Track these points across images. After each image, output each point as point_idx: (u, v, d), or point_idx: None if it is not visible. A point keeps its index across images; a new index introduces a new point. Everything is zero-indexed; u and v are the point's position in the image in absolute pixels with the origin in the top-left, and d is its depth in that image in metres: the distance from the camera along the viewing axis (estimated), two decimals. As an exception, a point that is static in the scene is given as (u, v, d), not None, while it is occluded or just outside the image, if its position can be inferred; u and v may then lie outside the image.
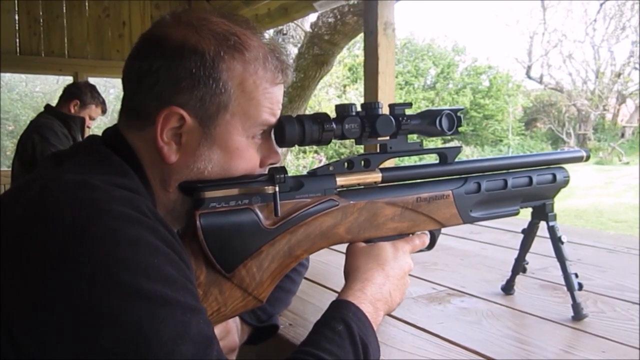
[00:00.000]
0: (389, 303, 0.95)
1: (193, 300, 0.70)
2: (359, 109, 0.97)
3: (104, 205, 0.68)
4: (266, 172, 0.91)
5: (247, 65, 0.83)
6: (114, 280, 0.63)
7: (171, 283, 0.67)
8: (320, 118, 0.92)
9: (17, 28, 4.65)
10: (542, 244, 1.32)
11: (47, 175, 0.76)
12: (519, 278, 1.40)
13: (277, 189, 0.87)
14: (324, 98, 14.13)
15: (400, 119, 0.98)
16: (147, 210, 0.72)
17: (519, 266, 1.37)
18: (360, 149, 1.42)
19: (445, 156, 1.07)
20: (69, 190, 0.70)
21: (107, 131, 0.88)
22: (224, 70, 0.81)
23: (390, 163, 1.73)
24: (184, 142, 0.82)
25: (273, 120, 0.88)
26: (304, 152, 13.18)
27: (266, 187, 0.87)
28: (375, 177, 1.00)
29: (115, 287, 0.63)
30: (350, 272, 0.96)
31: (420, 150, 1.03)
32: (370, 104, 0.97)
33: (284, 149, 6.67)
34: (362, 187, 1.00)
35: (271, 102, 0.87)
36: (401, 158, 1.07)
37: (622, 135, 19.68)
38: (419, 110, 1.05)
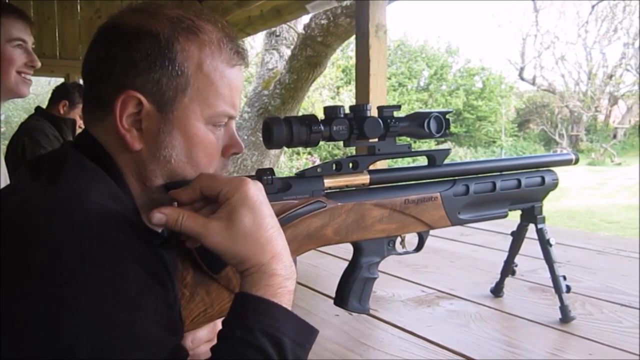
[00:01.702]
0: (286, 244, 0.80)
1: (164, 328, 0.68)
2: (347, 111, 0.97)
3: (79, 224, 0.67)
4: (228, 165, 0.91)
5: (202, 47, 0.83)
6: (81, 306, 0.63)
7: (140, 311, 0.66)
8: (308, 120, 0.92)
9: (8, 29, 4.63)
10: (531, 245, 1.32)
11: (26, 190, 0.75)
12: (508, 280, 1.41)
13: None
14: (318, 99, 14.13)
15: (389, 121, 0.98)
16: (125, 224, 0.71)
17: (508, 268, 1.37)
18: (354, 150, 1.42)
19: (433, 158, 1.07)
20: (45, 207, 0.69)
21: (78, 136, 0.88)
22: (179, 51, 0.81)
23: (382, 164, 1.73)
24: (144, 128, 0.81)
25: (232, 111, 0.87)
26: (298, 153, 13.18)
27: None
28: (364, 179, 1.00)
29: (82, 313, 0.62)
30: (245, 262, 0.76)
31: (409, 153, 1.03)
32: (359, 106, 0.97)
33: (277, 150, 6.66)
34: (350, 188, 1.00)
35: (230, 87, 0.86)
36: (392, 160, 1.07)
37: (614, 137, 19.80)
38: (409, 112, 1.05)
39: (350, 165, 0.99)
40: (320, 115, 0.97)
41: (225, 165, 0.91)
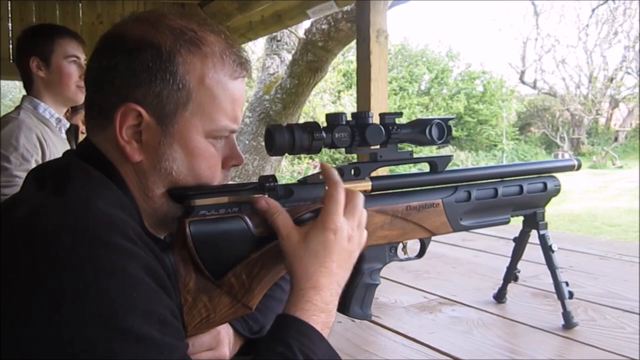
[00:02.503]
0: (339, 289, 0.87)
1: (171, 335, 0.69)
2: (349, 118, 0.97)
3: (88, 233, 0.67)
4: (228, 176, 0.91)
5: (205, 60, 0.82)
6: (91, 313, 0.63)
7: (149, 318, 0.66)
8: (310, 127, 0.92)
9: (10, 35, 4.63)
10: (534, 250, 1.32)
11: (33, 198, 0.75)
12: (511, 286, 1.41)
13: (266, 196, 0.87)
14: (319, 104, 14.15)
15: (390, 128, 0.98)
16: (132, 233, 0.71)
17: (511, 274, 1.37)
18: (356, 156, 1.40)
19: (435, 165, 1.07)
20: (54, 216, 0.69)
21: (80, 145, 0.88)
22: (181, 64, 0.80)
23: (384, 171, 1.73)
24: (144, 140, 0.81)
25: (234, 126, 0.87)
26: (299, 158, 13.19)
27: (256, 195, 0.87)
28: (365, 185, 1.00)
29: (92, 320, 0.63)
30: (293, 278, 0.85)
31: (410, 159, 1.03)
32: (361, 113, 0.97)
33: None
34: None
35: (232, 100, 0.85)
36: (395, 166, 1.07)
37: (616, 139, 19.80)
38: (413, 117, 1.05)
39: (352, 171, 0.99)
40: (322, 120, 0.97)
41: (226, 177, 0.91)
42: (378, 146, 1.00)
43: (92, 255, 0.65)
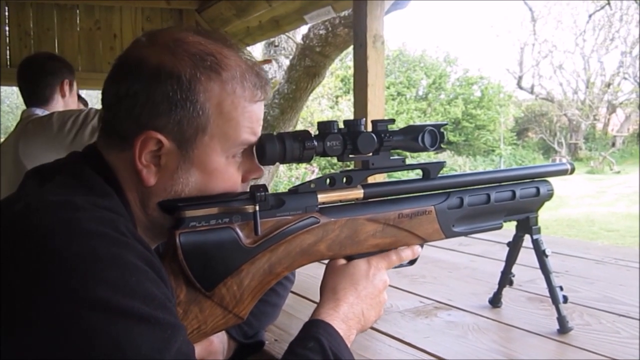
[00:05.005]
0: (362, 322, 0.95)
1: (172, 317, 0.70)
2: (341, 125, 0.97)
3: (85, 224, 0.68)
4: (247, 189, 0.91)
5: (224, 85, 0.82)
6: (93, 297, 0.64)
7: (149, 301, 0.68)
8: (301, 136, 0.91)
9: (7, 41, 4.64)
10: (529, 255, 1.32)
11: (31, 194, 0.77)
12: (507, 290, 1.41)
13: (257, 207, 0.86)
14: (317, 109, 14.18)
15: (383, 135, 0.98)
16: (126, 230, 0.72)
17: (506, 279, 1.37)
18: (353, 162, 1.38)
19: (428, 171, 1.07)
20: (51, 209, 0.70)
21: (86, 149, 0.88)
22: (201, 92, 0.81)
23: (380, 178, 1.72)
24: (163, 164, 0.82)
25: (253, 139, 0.88)
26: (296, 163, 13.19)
27: (246, 206, 0.87)
28: (357, 193, 0.99)
29: (94, 304, 0.64)
30: (324, 291, 0.97)
31: (403, 166, 1.02)
32: (353, 121, 0.97)
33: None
34: (344, 203, 1.00)
35: (251, 120, 0.86)
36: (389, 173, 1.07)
37: (613, 145, 19.85)
38: (411, 122, 1.05)
39: (344, 180, 0.98)
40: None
41: (245, 189, 0.92)
42: (370, 154, 1.00)
43: (88, 245, 0.67)
